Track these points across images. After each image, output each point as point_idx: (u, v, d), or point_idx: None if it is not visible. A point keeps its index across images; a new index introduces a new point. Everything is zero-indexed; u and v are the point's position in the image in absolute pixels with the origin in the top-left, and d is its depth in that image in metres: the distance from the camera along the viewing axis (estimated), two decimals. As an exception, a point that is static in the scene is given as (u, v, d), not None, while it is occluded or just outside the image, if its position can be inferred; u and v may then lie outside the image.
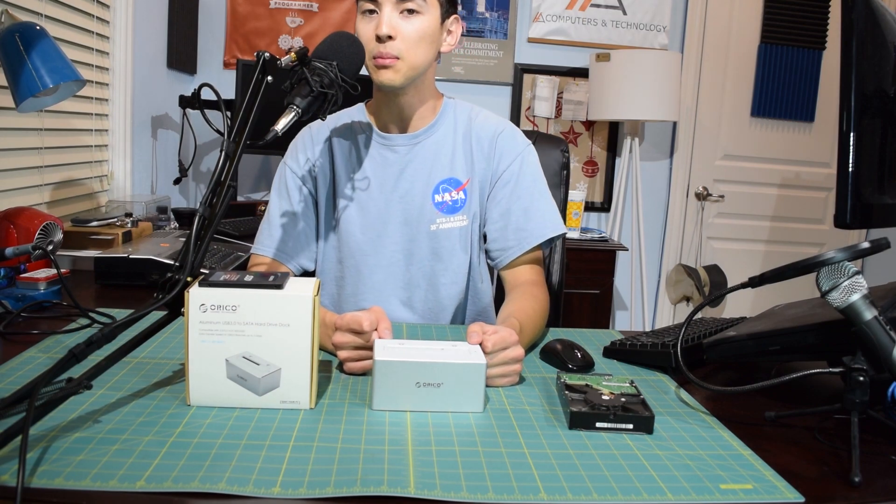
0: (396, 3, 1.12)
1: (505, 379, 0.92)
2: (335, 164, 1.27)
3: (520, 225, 1.24)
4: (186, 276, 0.79)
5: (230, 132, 0.90)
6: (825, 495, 0.67)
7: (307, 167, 1.27)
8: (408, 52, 1.13)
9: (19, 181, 1.59)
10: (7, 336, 1.00)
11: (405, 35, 1.12)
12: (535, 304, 1.16)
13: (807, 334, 0.87)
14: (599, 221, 3.28)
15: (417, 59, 1.14)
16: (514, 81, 3.11)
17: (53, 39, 1.31)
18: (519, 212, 1.25)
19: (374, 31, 1.11)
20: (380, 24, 1.11)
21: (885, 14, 0.98)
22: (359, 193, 1.25)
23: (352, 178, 1.26)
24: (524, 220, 1.24)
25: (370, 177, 1.25)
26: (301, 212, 1.27)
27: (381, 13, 1.11)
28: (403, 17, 1.12)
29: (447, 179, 1.25)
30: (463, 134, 1.27)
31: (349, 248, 1.26)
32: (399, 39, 1.12)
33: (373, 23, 1.13)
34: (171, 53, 2.56)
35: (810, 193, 3.41)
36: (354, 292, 1.27)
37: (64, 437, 0.69)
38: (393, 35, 1.11)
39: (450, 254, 1.26)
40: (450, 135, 1.27)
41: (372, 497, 0.61)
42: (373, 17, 1.13)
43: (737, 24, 3.23)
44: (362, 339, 0.92)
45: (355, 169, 1.26)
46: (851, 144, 0.90)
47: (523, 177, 1.25)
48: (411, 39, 1.13)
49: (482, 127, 1.28)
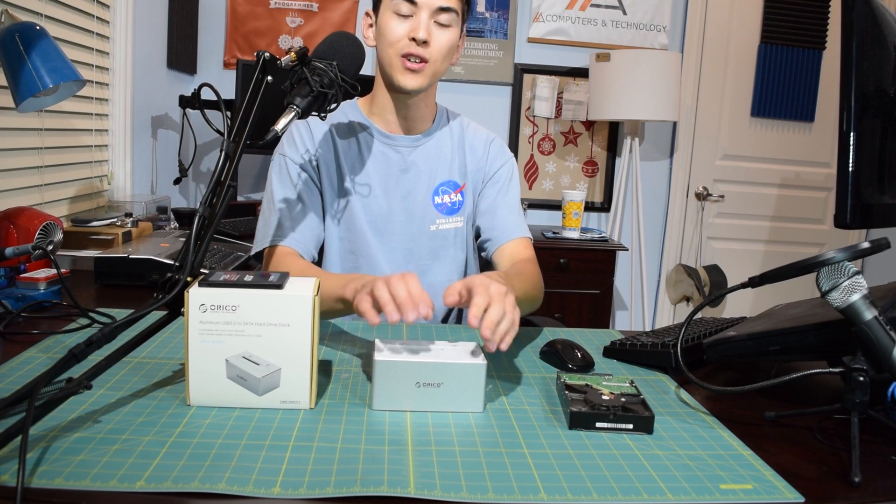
0: (434, 12, 1.16)
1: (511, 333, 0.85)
2: (339, 157, 1.27)
3: (506, 218, 1.32)
4: (186, 276, 0.79)
5: (230, 132, 0.90)
6: (825, 495, 0.67)
7: (307, 157, 1.26)
8: (436, 59, 1.19)
9: (19, 181, 1.59)
10: (7, 336, 1.00)
11: (438, 44, 1.18)
12: (523, 266, 1.22)
13: (807, 334, 0.87)
14: (599, 221, 3.28)
15: (441, 68, 1.22)
16: (514, 81, 3.11)
17: (53, 39, 1.31)
18: (506, 208, 1.33)
19: (411, 32, 1.15)
20: (418, 28, 1.15)
21: (885, 14, 0.98)
22: (363, 189, 1.26)
23: (355, 173, 1.27)
24: (511, 216, 1.32)
25: (372, 174, 1.27)
26: (308, 201, 1.24)
27: (417, 17, 1.16)
28: (436, 28, 1.17)
29: (446, 182, 1.31)
30: (458, 140, 1.33)
31: (355, 244, 1.27)
32: (432, 46, 1.17)
33: (407, 24, 1.16)
34: (171, 53, 2.56)
35: (810, 193, 3.41)
36: None
37: (64, 437, 0.69)
38: (429, 41, 1.16)
39: (448, 253, 1.31)
40: (447, 139, 1.32)
41: (372, 497, 0.61)
42: (406, 20, 1.17)
43: (737, 24, 3.23)
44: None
45: (358, 165, 1.27)
46: (851, 144, 0.90)
47: (512, 182, 1.36)
48: (442, 49, 1.19)
49: (475, 135, 1.36)
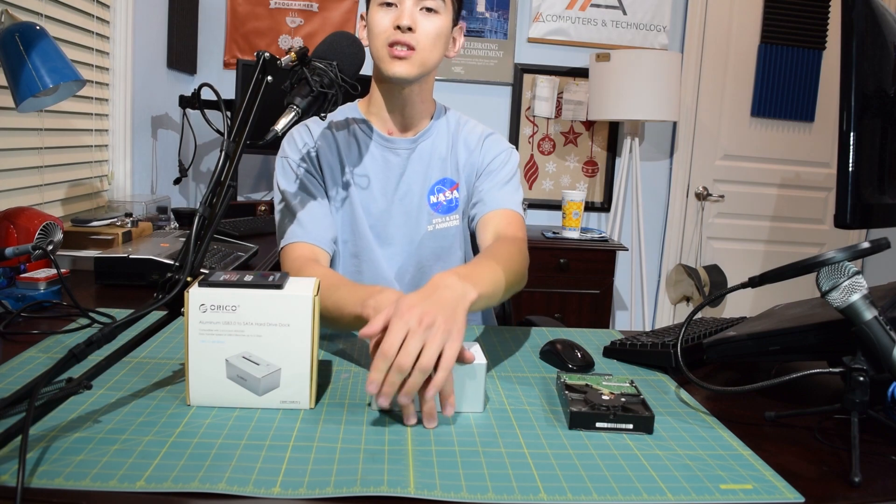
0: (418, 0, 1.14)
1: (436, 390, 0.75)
2: (342, 160, 1.25)
3: (485, 196, 1.26)
4: (186, 276, 0.79)
5: (230, 132, 0.90)
6: (825, 495, 0.67)
7: (309, 157, 1.25)
8: (424, 46, 1.15)
9: (19, 181, 1.59)
10: (7, 336, 1.00)
11: (424, 30, 1.15)
12: (502, 246, 1.12)
13: (807, 334, 0.87)
14: (599, 221, 3.28)
15: (431, 56, 1.17)
16: (514, 81, 3.11)
17: (53, 39, 1.31)
18: (490, 184, 1.27)
19: (394, 21, 1.13)
20: (401, 15, 1.13)
21: (885, 14, 0.98)
22: (362, 193, 1.25)
23: (356, 177, 1.26)
24: (492, 191, 1.26)
25: (371, 178, 1.25)
26: (318, 197, 1.23)
27: (401, 6, 1.14)
28: (422, 15, 1.15)
29: (442, 180, 1.29)
30: (453, 137, 1.31)
31: (357, 247, 1.26)
32: (418, 33, 1.14)
33: (391, 14, 1.14)
34: (171, 53, 2.56)
35: (810, 193, 3.41)
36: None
37: (64, 437, 0.69)
38: (413, 27, 1.13)
39: (448, 253, 1.29)
40: (444, 137, 1.30)
41: (372, 497, 0.61)
42: (390, 9, 1.15)
43: (737, 24, 3.23)
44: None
45: (359, 168, 1.26)
46: (851, 144, 0.90)
47: (506, 167, 1.29)
48: (429, 36, 1.15)
49: (471, 132, 1.32)
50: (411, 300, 0.79)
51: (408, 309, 0.77)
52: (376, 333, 0.77)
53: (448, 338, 0.76)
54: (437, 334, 0.76)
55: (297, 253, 1.15)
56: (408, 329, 0.75)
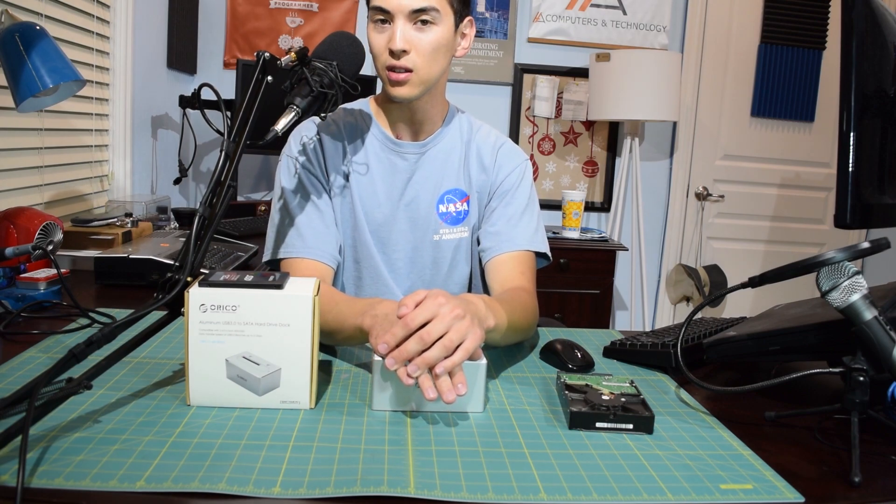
0: (410, 14, 1.07)
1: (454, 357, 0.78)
2: (348, 162, 1.21)
3: (500, 230, 1.22)
4: (186, 276, 0.79)
5: (230, 132, 0.90)
6: (825, 495, 0.67)
7: (315, 157, 1.20)
8: (422, 65, 1.09)
9: (19, 181, 1.59)
10: (7, 336, 1.00)
11: (420, 48, 1.09)
12: (513, 294, 1.10)
13: (807, 334, 0.87)
14: (599, 221, 3.28)
15: (432, 72, 1.12)
16: (514, 81, 3.11)
17: (53, 39, 1.31)
18: (504, 218, 1.23)
19: (388, 43, 1.08)
20: (393, 38, 1.07)
21: (885, 14, 0.98)
22: (368, 197, 1.21)
23: (361, 181, 1.21)
24: (507, 227, 1.22)
25: (378, 182, 1.21)
26: (322, 203, 1.18)
27: (394, 25, 1.07)
28: (418, 29, 1.08)
29: (452, 190, 1.24)
30: (466, 146, 1.26)
31: (358, 253, 1.22)
32: (414, 52, 1.08)
33: (385, 34, 1.09)
34: (171, 53, 2.56)
35: (810, 193, 3.41)
36: (357, 295, 1.25)
37: (64, 437, 0.69)
38: (407, 49, 1.08)
39: (451, 265, 1.25)
40: (456, 144, 1.25)
41: (372, 497, 0.61)
42: (385, 28, 1.09)
43: (737, 24, 3.23)
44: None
45: (364, 172, 1.21)
46: (851, 144, 0.90)
47: (521, 189, 1.25)
48: (426, 52, 1.09)
49: (484, 140, 1.27)
50: (446, 295, 0.83)
51: (445, 297, 0.82)
52: (408, 313, 0.79)
53: (470, 332, 0.80)
54: (463, 326, 0.80)
55: (297, 274, 1.08)
56: (438, 311, 0.79)
